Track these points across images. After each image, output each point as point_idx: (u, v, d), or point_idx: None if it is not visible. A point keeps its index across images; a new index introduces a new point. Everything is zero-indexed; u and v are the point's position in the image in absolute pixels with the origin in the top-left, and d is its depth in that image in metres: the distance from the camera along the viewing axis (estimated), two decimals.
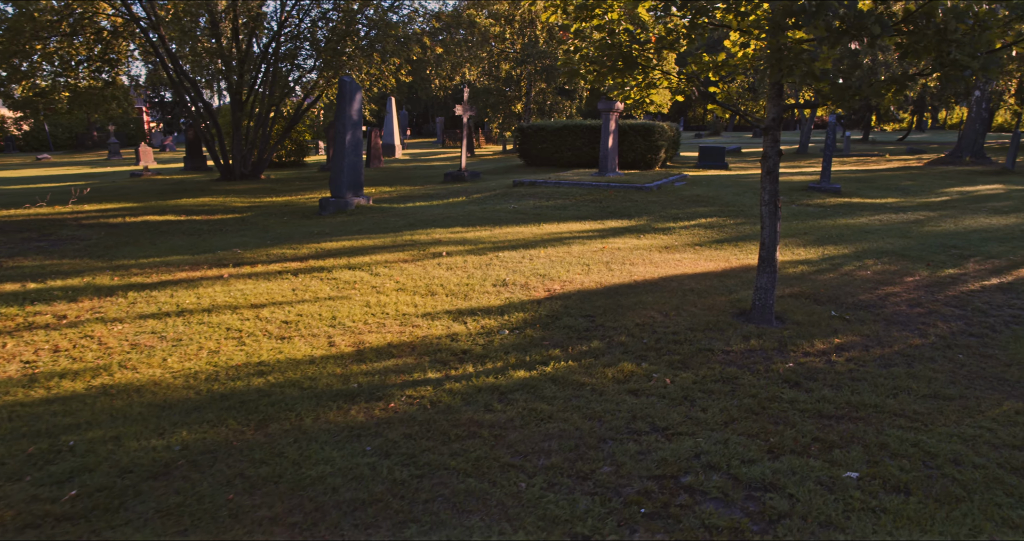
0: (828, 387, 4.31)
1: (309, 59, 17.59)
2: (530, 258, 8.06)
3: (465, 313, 5.95)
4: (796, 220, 10.86)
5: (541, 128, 20.20)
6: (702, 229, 10.06)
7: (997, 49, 4.47)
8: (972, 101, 23.70)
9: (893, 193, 14.89)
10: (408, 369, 4.66)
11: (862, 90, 4.73)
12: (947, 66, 4.30)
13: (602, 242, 9.07)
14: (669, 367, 4.67)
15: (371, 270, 7.56)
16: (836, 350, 5.00)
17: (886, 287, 6.66)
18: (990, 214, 11.49)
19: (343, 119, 12.25)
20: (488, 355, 4.93)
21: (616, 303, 6.14)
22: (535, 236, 9.58)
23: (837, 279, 6.97)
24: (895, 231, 9.80)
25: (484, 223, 10.72)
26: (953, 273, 7.19)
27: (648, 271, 7.37)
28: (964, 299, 6.24)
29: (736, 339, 5.19)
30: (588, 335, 5.33)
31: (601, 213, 11.56)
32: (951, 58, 4.26)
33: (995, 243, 8.81)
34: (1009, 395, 4.22)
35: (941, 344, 5.13)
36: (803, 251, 8.38)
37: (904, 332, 5.39)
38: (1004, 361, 4.79)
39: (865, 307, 6.03)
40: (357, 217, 11.68)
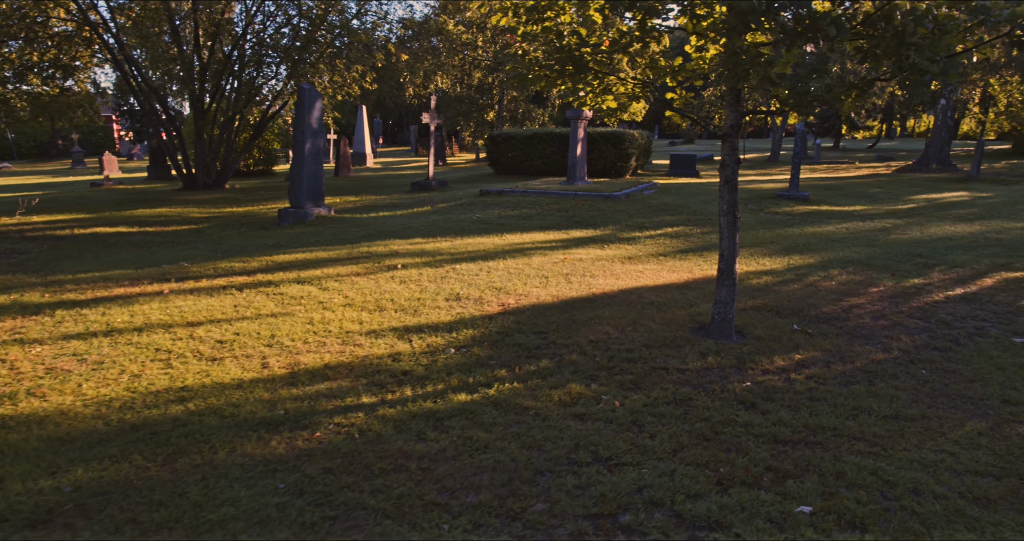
0: (786, 408, 4.07)
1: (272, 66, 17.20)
2: (488, 270, 7.79)
3: (412, 330, 5.66)
4: (764, 228, 10.70)
5: (511, 136, 19.98)
6: (668, 239, 9.86)
7: (957, 53, 4.29)
8: (938, 109, 23.90)
9: (861, 201, 14.84)
10: (342, 393, 4.35)
11: (821, 96, 4.52)
12: (906, 70, 4.10)
13: (564, 253, 8.82)
14: (620, 388, 4.40)
15: (320, 284, 7.24)
16: (796, 367, 4.77)
17: (850, 298, 6.47)
18: (955, 222, 11.43)
19: (302, 127, 11.91)
20: (430, 376, 4.64)
21: (571, 318, 5.88)
22: (496, 247, 9.31)
23: (801, 290, 6.77)
24: (862, 239, 9.67)
25: (445, 234, 10.44)
26: (918, 283, 7.03)
27: (608, 283, 7.12)
28: (928, 310, 6.06)
29: (693, 356, 4.94)
30: (538, 353, 5.06)
31: (566, 223, 11.32)
32: (910, 62, 4.07)
33: (960, 251, 8.69)
34: (972, 414, 4.01)
35: (904, 359, 4.93)
36: (768, 261, 8.19)
37: (867, 346, 5.19)
38: (967, 377, 4.59)
39: (828, 320, 5.82)
40: (316, 228, 11.33)
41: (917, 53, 4.03)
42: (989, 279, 7.11)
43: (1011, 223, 11.18)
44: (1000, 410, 4.06)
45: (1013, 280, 7.06)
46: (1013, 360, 4.88)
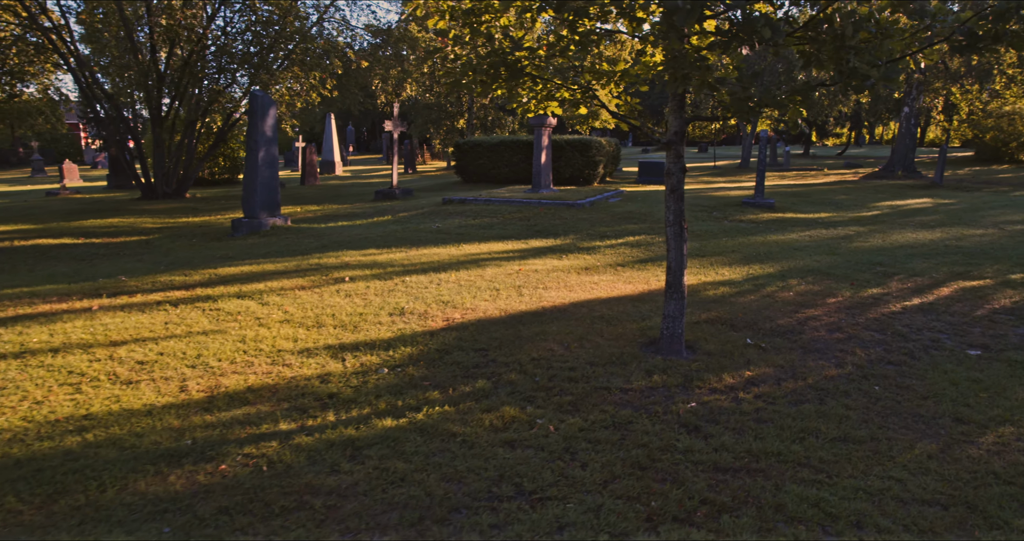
0: (730, 432, 3.84)
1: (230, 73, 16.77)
2: (438, 282, 7.51)
3: (348, 348, 5.36)
4: (726, 237, 10.54)
5: (478, 144, 19.75)
6: (628, 248, 9.65)
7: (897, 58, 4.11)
8: (902, 117, 24.10)
9: (827, 207, 14.80)
10: (259, 419, 4.04)
11: (763, 101, 4.32)
12: (846, 75, 3.91)
13: (520, 264, 8.57)
14: (557, 411, 4.15)
15: (261, 299, 6.91)
16: (746, 385, 4.55)
17: (807, 310, 6.28)
18: (917, 229, 11.37)
19: (255, 135, 11.56)
20: (357, 399, 4.35)
21: (516, 334, 5.62)
22: (451, 258, 9.04)
23: (758, 301, 6.58)
24: (823, 247, 9.54)
25: (401, 244, 10.14)
26: (876, 293, 6.87)
27: (560, 296, 6.88)
28: (885, 322, 5.89)
29: (638, 375, 4.71)
30: (476, 373, 4.79)
31: (527, 232, 11.09)
32: (850, 67, 3.87)
33: (920, 259, 8.58)
34: (923, 435, 3.81)
35: (857, 374, 4.73)
36: (727, 271, 8.01)
37: (820, 361, 4.99)
38: (921, 393, 4.40)
39: (783, 333, 5.62)
40: (270, 239, 10.98)
41: (857, 57, 3.84)
42: (946, 288, 6.98)
43: (971, 230, 11.14)
44: (952, 430, 3.87)
45: (970, 289, 6.93)
46: (967, 374, 4.70)
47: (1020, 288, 6.92)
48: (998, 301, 6.44)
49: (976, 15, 3.83)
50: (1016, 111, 29.03)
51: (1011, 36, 3.89)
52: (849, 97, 27.29)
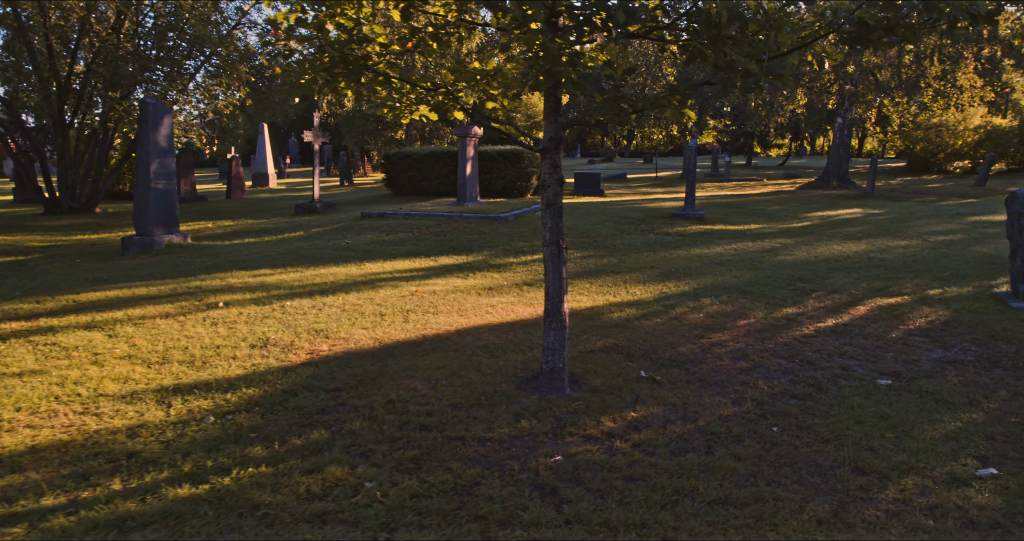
0: (592, 495, 3.21)
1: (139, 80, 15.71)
2: (321, 307, 6.78)
3: (183, 390, 4.60)
4: (649, 251, 10.04)
5: (407, 155, 19.05)
6: (542, 264, 9.05)
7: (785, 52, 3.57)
8: (836, 128, 24.23)
9: (758, 218, 14.49)
10: (22, 492, 3.26)
11: (636, 102, 3.74)
12: (723, 68, 3.35)
13: (420, 284, 7.89)
14: (395, 470, 3.47)
15: (112, 329, 6.08)
16: (627, 430, 3.94)
17: (714, 334, 5.74)
18: (844, 240, 11.05)
19: (147, 146, 10.66)
20: (160, 460, 3.60)
21: (382, 369, 4.93)
22: (348, 278, 8.31)
23: (663, 325, 6.02)
24: (746, 262, 9.09)
25: (301, 263, 9.37)
26: (791, 313, 6.38)
27: (448, 322, 6.21)
28: (795, 347, 5.37)
29: (504, 420, 4.06)
30: (316, 421, 4.08)
31: (439, 248, 10.41)
32: (728, 60, 3.32)
33: (841, 274, 8.17)
34: (817, 491, 3.23)
35: (756, 413, 4.16)
36: (640, 289, 7.45)
37: (717, 397, 4.41)
38: (822, 435, 3.84)
39: (683, 363, 5.05)
40: (159, 258, 10.07)
41: (734, 49, 3.29)
42: (863, 307, 6.53)
43: (896, 241, 10.86)
44: (850, 484, 3.30)
45: (886, 307, 6.49)
46: (875, 409, 4.18)
47: (936, 306, 6.51)
48: (914, 321, 6.00)
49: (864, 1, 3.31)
50: (943, 123, 29.56)
51: (904, 28, 3.39)
52: (730, 95, 27.37)
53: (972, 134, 29.97)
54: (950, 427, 3.95)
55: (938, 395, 4.39)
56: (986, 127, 30.06)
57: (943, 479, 3.35)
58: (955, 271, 8.21)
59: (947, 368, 4.87)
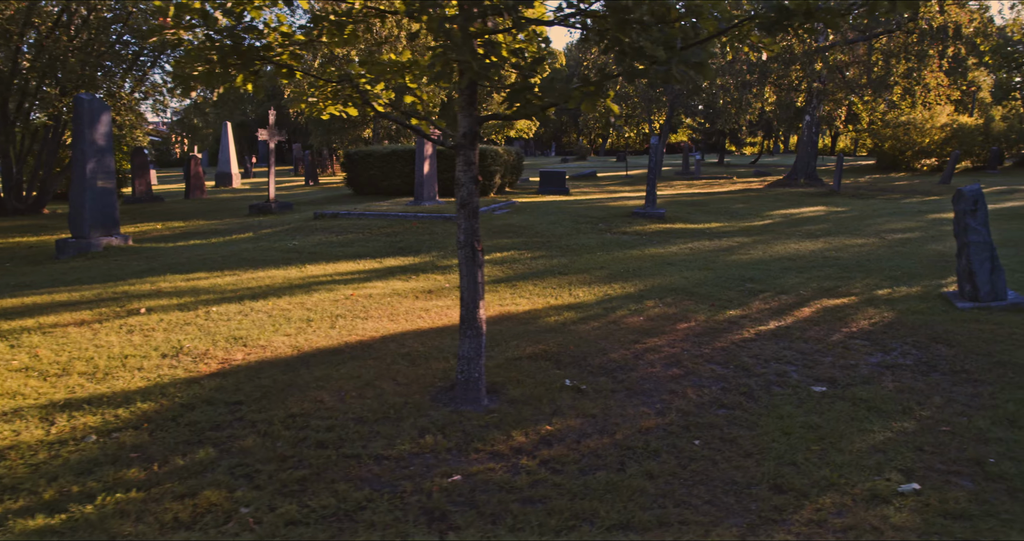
0: (483, 520, 2.94)
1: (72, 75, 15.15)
2: (247, 313, 6.45)
3: (72, 406, 4.26)
4: (602, 251, 9.80)
5: (368, 154, 18.67)
6: (490, 266, 8.78)
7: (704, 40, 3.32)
8: (804, 126, 24.23)
9: (721, 217, 14.34)
10: None
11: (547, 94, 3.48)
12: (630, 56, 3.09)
13: (357, 287, 7.58)
14: (278, 493, 3.17)
15: (17, 339, 5.71)
16: (538, 445, 3.68)
17: (651, 339, 5.50)
18: (802, 238, 10.91)
19: (82, 145, 10.23)
20: (21, 485, 3.27)
21: (292, 380, 4.63)
22: (285, 281, 7.97)
23: (600, 330, 5.77)
24: (699, 261, 8.88)
25: (241, 266, 9.01)
26: (734, 315, 6.16)
27: (376, 328, 5.92)
28: (732, 352, 5.14)
29: (408, 435, 3.78)
30: (207, 438, 3.77)
31: (388, 249, 10.10)
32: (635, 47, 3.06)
33: (794, 273, 7.99)
34: (728, 513, 2.99)
35: (679, 424, 3.92)
36: (584, 291, 7.21)
37: (642, 408, 4.17)
38: (745, 449, 3.61)
39: (612, 370, 4.80)
40: (95, 262, 9.66)
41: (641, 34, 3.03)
42: (808, 308, 6.33)
43: (853, 239, 10.74)
44: (765, 504, 3.07)
45: (832, 309, 6.30)
46: (804, 419, 3.95)
47: (882, 307, 6.33)
48: (857, 323, 5.81)
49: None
50: (911, 121, 29.75)
51: (824, 12, 3.16)
52: (638, 84, 27.25)
53: (939, 132, 30.22)
54: (879, 437, 3.74)
55: (871, 403, 4.18)
56: (952, 125, 30.31)
57: (863, 496, 3.13)
58: (907, 270, 8.07)
59: (884, 373, 4.67)
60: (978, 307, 6.01)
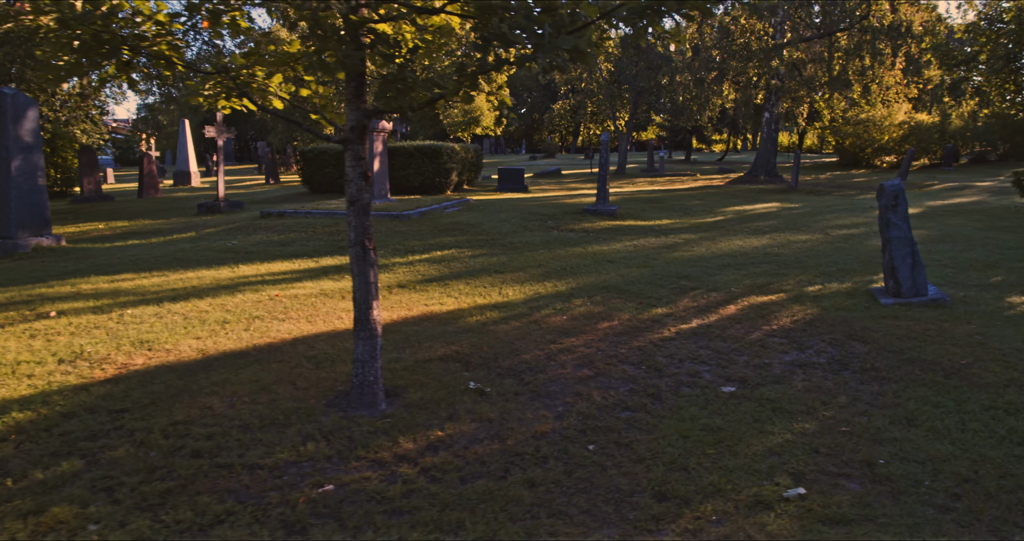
0: (343, 533, 2.80)
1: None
2: (163, 315, 6.22)
3: None
4: (545, 249, 9.68)
5: (323, 152, 18.39)
6: (427, 265, 8.61)
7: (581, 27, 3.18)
8: (763, 123, 24.36)
9: (674, 214, 14.30)
10: None
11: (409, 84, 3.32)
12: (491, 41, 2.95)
13: (285, 287, 7.38)
14: (135, 507, 2.99)
15: None
16: (424, 452, 3.53)
17: (569, 339, 5.38)
18: (748, 235, 10.89)
19: (6, 141, 9.86)
20: None
21: (186, 386, 4.43)
22: (214, 282, 7.73)
23: (519, 330, 5.64)
24: (640, 259, 8.79)
25: (172, 266, 8.74)
26: (659, 313, 6.07)
27: (291, 329, 5.73)
28: (648, 352, 5.04)
29: (291, 442, 3.61)
30: (77, 450, 3.57)
31: (328, 248, 9.88)
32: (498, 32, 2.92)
33: (731, 270, 7.93)
34: (604, 523, 2.88)
35: (577, 428, 3.80)
36: (514, 290, 7.07)
37: (542, 411, 4.04)
38: (639, 454, 3.50)
39: (521, 372, 4.67)
40: (19, 263, 9.31)
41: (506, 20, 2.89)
42: (734, 306, 6.26)
43: (799, 236, 10.74)
44: (643, 513, 2.95)
45: (758, 306, 6.23)
46: (707, 421, 3.85)
47: (808, 304, 6.28)
48: (779, 321, 5.74)
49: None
50: (870, 119, 30.07)
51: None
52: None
53: (897, 130, 30.58)
54: (778, 440, 3.64)
55: (777, 403, 4.09)
56: (910, 123, 30.70)
57: (747, 503, 3.03)
58: (843, 266, 8.05)
59: (796, 372, 4.59)
60: (899, 303, 5.98)
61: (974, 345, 4.96)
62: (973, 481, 3.15)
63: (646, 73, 27.48)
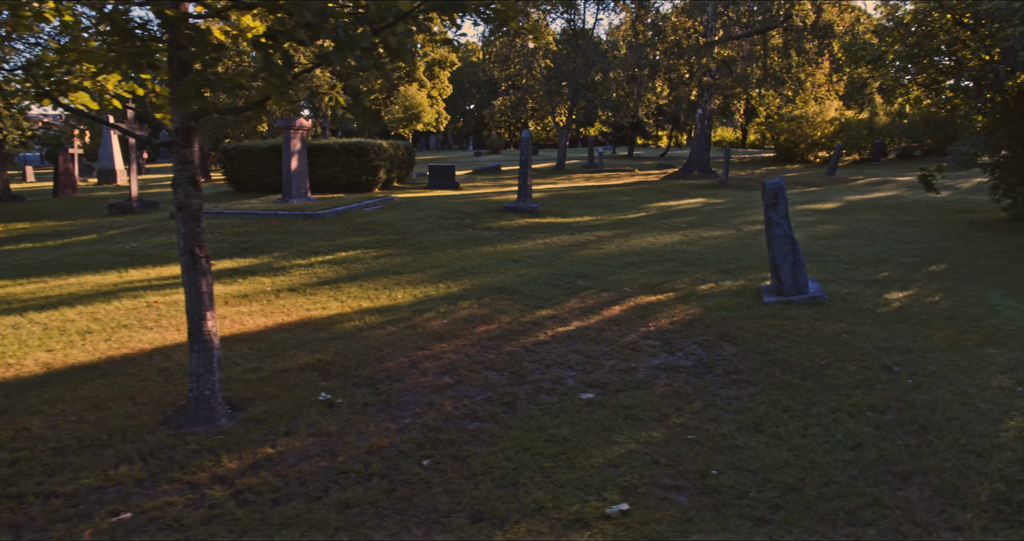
0: None
1: None
2: (21, 326, 5.86)
3: None
4: (453, 248, 9.51)
5: (247, 150, 17.87)
6: (327, 266, 8.36)
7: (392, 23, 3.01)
8: (697, 119, 24.60)
9: (598, 210, 14.28)
10: None
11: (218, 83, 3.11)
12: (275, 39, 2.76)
13: (168, 293, 7.05)
14: None
15: None
16: (245, 472, 3.33)
17: (440, 344, 5.22)
18: (663, 231, 10.90)
19: None
20: None
21: (11, 405, 4.13)
22: (95, 288, 7.36)
23: (393, 335, 5.46)
24: (546, 257, 8.69)
25: (55, 271, 8.30)
26: (543, 315, 5.96)
27: (155, 338, 5.45)
28: (517, 357, 4.92)
29: (102, 465, 3.37)
30: None
31: (230, 250, 9.53)
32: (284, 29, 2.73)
33: (633, 268, 7.89)
34: None
35: (417, 441, 3.65)
36: (404, 293, 6.89)
37: (387, 424, 3.88)
38: (473, 469, 3.36)
39: (379, 381, 4.50)
40: None
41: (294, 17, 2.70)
42: (620, 307, 6.19)
43: (711, 232, 10.80)
44: (453, 535, 2.82)
45: (643, 306, 6.18)
46: (554, 431, 3.74)
47: (694, 303, 6.25)
48: (659, 321, 5.69)
49: None
50: (803, 115, 30.68)
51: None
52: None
53: (828, 126, 31.29)
54: (621, 450, 3.55)
55: (632, 410, 4.00)
56: (840, 119, 31.44)
57: (565, 522, 2.91)
58: (743, 263, 8.08)
59: (660, 376, 4.52)
60: (780, 301, 5.99)
61: (839, 344, 4.97)
62: (797, 490, 3.09)
63: (582, 69, 27.49)
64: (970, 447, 3.43)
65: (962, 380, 4.30)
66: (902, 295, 6.47)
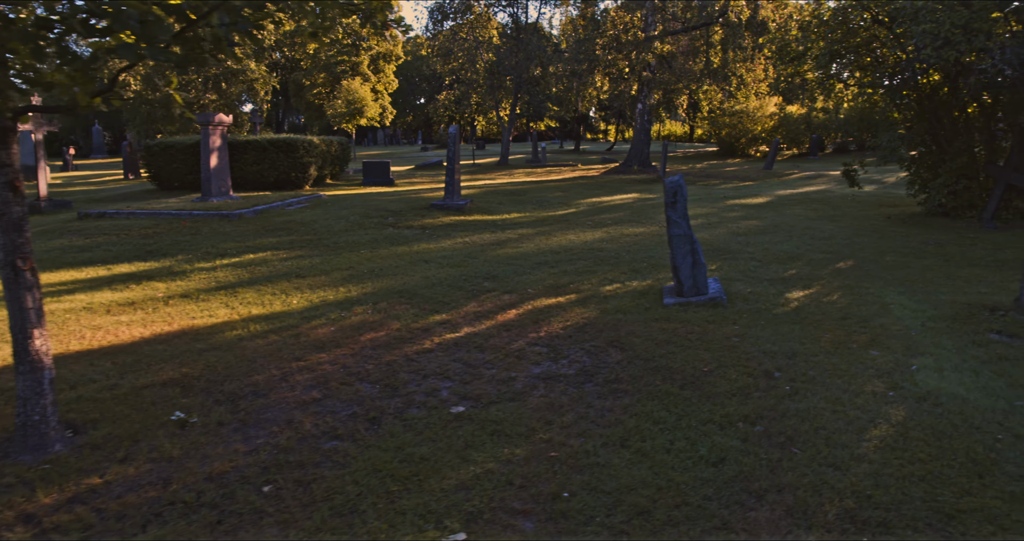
0: None
1: None
2: None
3: None
4: (367, 248, 9.23)
5: (171, 146, 17.21)
6: (230, 270, 8.01)
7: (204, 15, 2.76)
8: (637, 113, 24.65)
9: (528, 207, 14.12)
10: None
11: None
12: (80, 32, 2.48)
13: (49, 301, 6.64)
14: None
15: None
16: (61, 507, 3.05)
17: (318, 354, 4.98)
18: (587, 228, 10.80)
19: None
20: None
21: None
22: None
23: (272, 345, 5.19)
24: (460, 257, 8.48)
25: None
26: (436, 321, 5.76)
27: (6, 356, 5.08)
28: (395, 367, 4.70)
29: None
30: None
31: (132, 253, 9.09)
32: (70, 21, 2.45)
33: (545, 268, 7.74)
34: None
35: (265, 464, 3.41)
36: (299, 298, 6.61)
37: (236, 445, 3.63)
38: (315, 495, 3.14)
39: (241, 397, 4.24)
40: None
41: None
42: (517, 310, 6.02)
43: (634, 228, 10.74)
44: None
45: (540, 310, 6.02)
46: (412, 450, 3.54)
47: (593, 305, 6.12)
48: (551, 326, 5.53)
49: None
50: (744, 110, 31.06)
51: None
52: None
53: (768, 121, 31.75)
54: (477, 471, 3.37)
55: (500, 425, 3.83)
56: (779, 114, 31.93)
57: None
58: (655, 262, 8.00)
59: (538, 387, 4.36)
60: (679, 303, 5.90)
61: (727, 349, 4.88)
62: (646, 514, 2.95)
63: (524, 63, 27.31)
64: (830, 460, 3.35)
65: (838, 386, 4.23)
66: (802, 294, 6.44)
